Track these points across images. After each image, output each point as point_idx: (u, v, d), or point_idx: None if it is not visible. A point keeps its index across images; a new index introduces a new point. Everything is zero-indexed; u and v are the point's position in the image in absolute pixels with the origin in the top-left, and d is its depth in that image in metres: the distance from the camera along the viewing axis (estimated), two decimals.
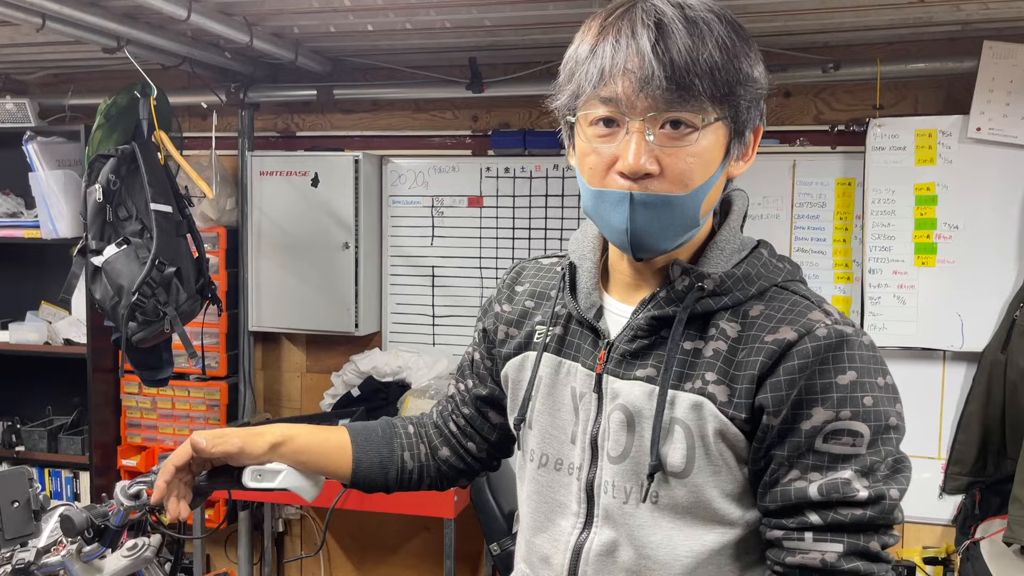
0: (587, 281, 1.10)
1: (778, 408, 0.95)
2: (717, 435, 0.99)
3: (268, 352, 3.59)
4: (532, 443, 1.14)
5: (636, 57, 0.93)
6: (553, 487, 1.12)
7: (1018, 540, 2.44)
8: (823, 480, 0.94)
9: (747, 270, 1.02)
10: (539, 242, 3.25)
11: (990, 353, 2.73)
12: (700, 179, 0.96)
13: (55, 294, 3.17)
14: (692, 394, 0.99)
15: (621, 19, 0.96)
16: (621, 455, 1.04)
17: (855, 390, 0.94)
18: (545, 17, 2.59)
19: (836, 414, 0.94)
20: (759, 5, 2.42)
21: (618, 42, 0.94)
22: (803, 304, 1.00)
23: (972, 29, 2.70)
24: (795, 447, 0.95)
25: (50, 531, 1.29)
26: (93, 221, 2.59)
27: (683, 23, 0.94)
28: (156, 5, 2.27)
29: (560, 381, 1.11)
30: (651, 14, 0.95)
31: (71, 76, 3.53)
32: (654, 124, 0.94)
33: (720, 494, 1.00)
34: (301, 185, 3.28)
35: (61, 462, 3.54)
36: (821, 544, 0.94)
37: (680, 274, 1.02)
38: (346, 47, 3.11)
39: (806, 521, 0.95)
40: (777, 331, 0.97)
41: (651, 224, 0.97)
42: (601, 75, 0.95)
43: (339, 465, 1.24)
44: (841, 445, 0.94)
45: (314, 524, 3.57)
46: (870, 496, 0.93)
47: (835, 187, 2.98)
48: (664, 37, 0.93)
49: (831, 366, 0.95)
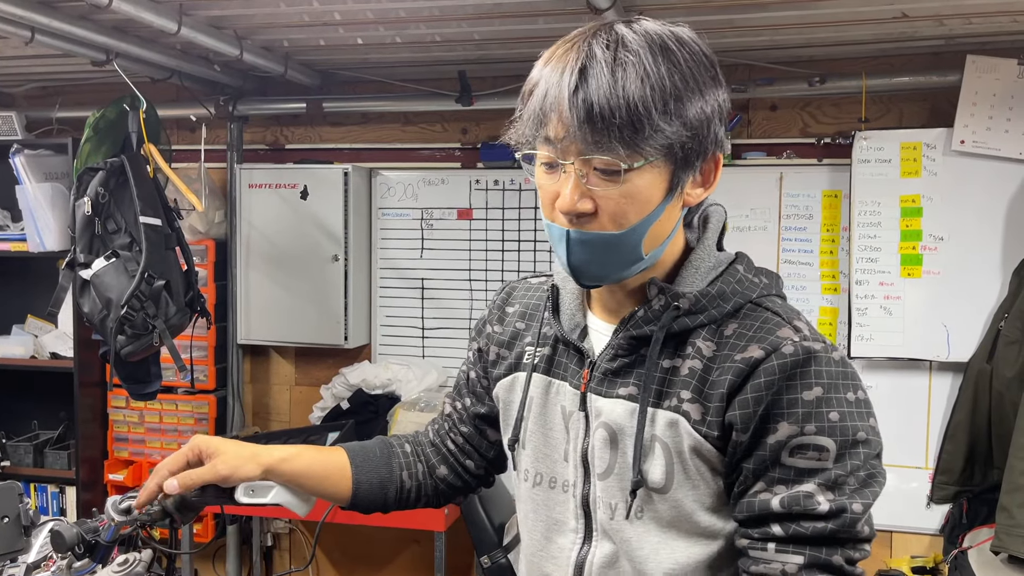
0: (570, 303, 1.12)
1: (746, 425, 0.97)
2: (692, 452, 1.00)
3: (257, 365, 3.57)
4: (526, 463, 1.16)
5: (566, 101, 0.92)
6: (549, 505, 1.13)
7: (1005, 549, 2.45)
8: (786, 493, 0.96)
9: (722, 288, 1.02)
10: (528, 254, 3.26)
11: (976, 363, 2.75)
12: (636, 218, 0.96)
13: (42, 308, 3.15)
14: (669, 412, 1.01)
15: (565, 55, 0.95)
16: (606, 471, 1.05)
17: (820, 405, 0.95)
18: (534, 31, 2.61)
19: (801, 429, 0.95)
20: (745, 20, 2.45)
21: (550, 82, 0.94)
22: (773, 321, 1.00)
23: (955, 43, 2.73)
24: (761, 461, 0.97)
25: (40, 547, 1.28)
26: (81, 234, 2.58)
27: (609, 65, 0.91)
28: (146, 18, 2.27)
29: (550, 400, 1.13)
30: (582, 52, 0.93)
31: (59, 89, 3.52)
32: (586, 166, 0.94)
33: (700, 507, 1.02)
34: (290, 198, 3.28)
35: (47, 477, 3.51)
36: (783, 555, 0.96)
37: (656, 293, 1.02)
38: (336, 60, 3.12)
39: (769, 532, 0.96)
40: (746, 349, 0.98)
41: (589, 259, 0.98)
42: (543, 114, 0.95)
43: (338, 488, 1.23)
44: (807, 459, 0.95)
45: (303, 538, 3.55)
46: (831, 509, 0.94)
47: (822, 199, 3.00)
48: (585, 82, 0.91)
49: (798, 382, 0.95)
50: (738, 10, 2.38)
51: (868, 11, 2.37)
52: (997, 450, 2.69)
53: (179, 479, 1.13)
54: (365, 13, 2.46)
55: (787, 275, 3.03)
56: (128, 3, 2.17)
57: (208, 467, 1.14)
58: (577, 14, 2.36)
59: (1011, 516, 2.45)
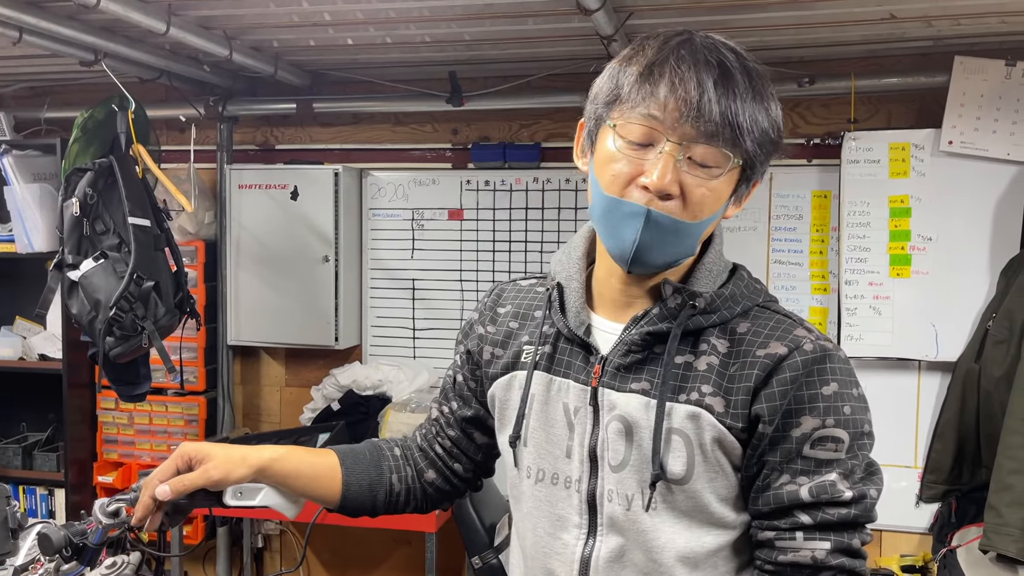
0: (575, 301, 1.13)
1: (772, 417, 1.02)
2: (715, 443, 1.04)
3: (247, 366, 3.56)
4: (528, 460, 1.16)
5: (696, 89, 0.97)
6: (552, 501, 1.14)
7: (994, 548, 2.47)
8: (812, 483, 1.01)
9: (733, 290, 1.08)
10: (519, 254, 3.26)
11: (964, 363, 2.77)
12: (709, 212, 1.02)
13: (30, 309, 3.13)
14: (688, 405, 1.05)
15: (682, 47, 1.00)
16: (620, 464, 1.08)
17: (836, 400, 1.02)
18: (524, 32, 2.61)
19: (822, 422, 1.01)
20: (737, 20, 2.46)
21: (679, 68, 0.98)
22: (787, 322, 1.07)
23: (943, 45, 2.75)
24: (786, 453, 1.02)
25: (28, 549, 1.27)
26: (70, 235, 2.56)
27: (742, 72, 0.99)
28: (134, 18, 2.26)
29: (552, 398, 1.14)
30: (713, 52, 0.99)
31: (48, 89, 3.50)
32: (687, 151, 0.99)
33: (716, 498, 1.06)
34: (280, 198, 3.27)
35: (36, 479, 3.49)
36: (811, 542, 1.01)
37: (672, 292, 1.06)
38: (326, 61, 3.11)
39: (797, 521, 1.02)
40: (767, 345, 1.04)
41: (656, 242, 1.01)
42: (653, 92, 0.98)
43: (328, 489, 1.23)
44: (826, 451, 1.02)
45: (294, 539, 3.55)
46: (854, 496, 1.01)
47: (811, 199, 3.01)
48: (725, 78, 0.98)
49: (816, 378, 1.02)
50: (729, 11, 2.38)
51: (857, 12, 2.38)
52: (985, 449, 2.70)
53: (171, 485, 1.13)
54: (355, 13, 2.46)
55: (777, 275, 3.04)
56: (116, 3, 2.16)
57: (200, 472, 1.14)
58: (567, 14, 2.36)
59: (999, 515, 2.46)
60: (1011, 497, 2.46)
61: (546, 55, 2.90)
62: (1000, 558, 2.47)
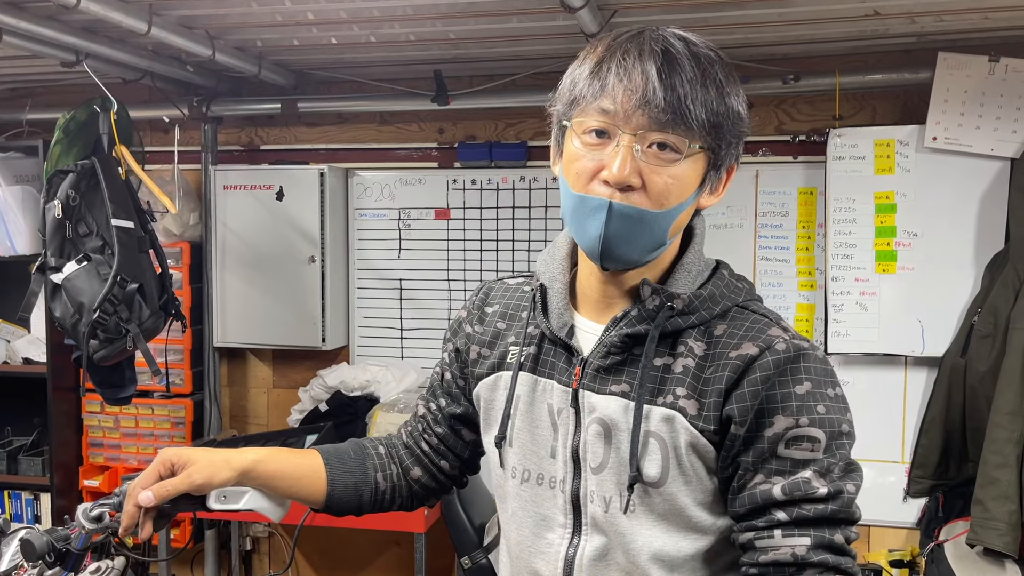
0: (558, 301, 1.13)
1: (744, 418, 1.01)
2: (688, 447, 1.04)
3: (234, 368, 3.54)
4: (513, 460, 1.16)
5: (641, 77, 0.98)
6: (537, 501, 1.14)
7: (981, 542, 2.48)
8: (786, 481, 1.01)
9: (712, 291, 1.07)
10: (507, 253, 3.26)
11: (950, 358, 2.78)
12: (675, 200, 1.01)
13: (13, 312, 3.11)
14: (664, 408, 1.04)
15: (629, 42, 1.01)
16: (599, 466, 1.08)
17: (810, 399, 1.01)
18: (509, 30, 2.61)
19: (796, 421, 1.01)
20: (721, 17, 2.46)
21: (624, 60, 0.99)
22: (763, 322, 1.06)
23: (927, 41, 2.76)
24: (759, 453, 1.01)
25: (11, 556, 1.25)
26: (52, 237, 2.54)
27: (689, 58, 0.99)
28: (115, 18, 2.24)
29: (537, 398, 1.14)
30: (659, 42, 1.00)
31: (29, 90, 3.47)
32: (643, 141, 0.99)
33: (692, 502, 1.06)
34: (266, 199, 3.25)
35: (21, 484, 3.46)
36: (790, 539, 1.00)
37: (650, 293, 1.06)
38: (310, 60, 3.10)
39: (774, 519, 1.01)
40: (740, 347, 1.03)
41: (623, 235, 1.01)
42: (603, 87, 1.00)
43: (312, 489, 1.23)
44: (801, 450, 1.01)
45: (283, 541, 3.53)
46: (830, 492, 1.00)
47: (797, 196, 3.02)
48: (669, 64, 0.98)
49: (789, 377, 1.01)
50: (713, 8, 2.38)
51: (841, 8, 2.39)
52: (972, 444, 2.72)
53: (154, 491, 1.12)
54: (338, 12, 2.45)
55: (764, 272, 3.04)
56: (97, 3, 2.14)
57: (183, 476, 1.13)
58: (551, 12, 2.36)
59: (986, 509, 2.48)
60: (997, 491, 2.47)
61: (531, 53, 2.90)
62: (987, 552, 2.49)
